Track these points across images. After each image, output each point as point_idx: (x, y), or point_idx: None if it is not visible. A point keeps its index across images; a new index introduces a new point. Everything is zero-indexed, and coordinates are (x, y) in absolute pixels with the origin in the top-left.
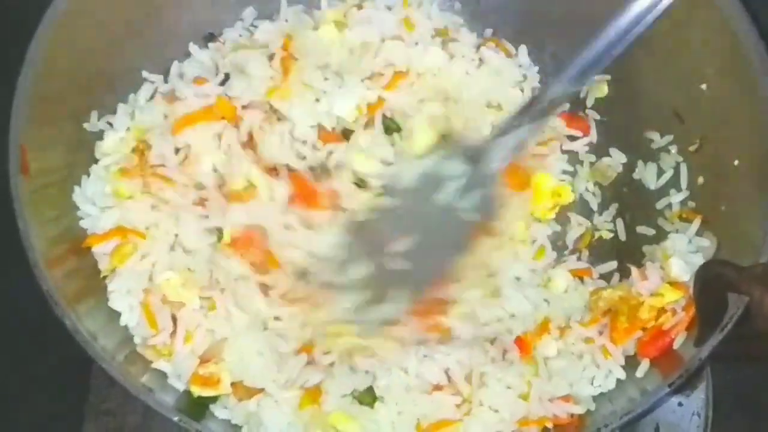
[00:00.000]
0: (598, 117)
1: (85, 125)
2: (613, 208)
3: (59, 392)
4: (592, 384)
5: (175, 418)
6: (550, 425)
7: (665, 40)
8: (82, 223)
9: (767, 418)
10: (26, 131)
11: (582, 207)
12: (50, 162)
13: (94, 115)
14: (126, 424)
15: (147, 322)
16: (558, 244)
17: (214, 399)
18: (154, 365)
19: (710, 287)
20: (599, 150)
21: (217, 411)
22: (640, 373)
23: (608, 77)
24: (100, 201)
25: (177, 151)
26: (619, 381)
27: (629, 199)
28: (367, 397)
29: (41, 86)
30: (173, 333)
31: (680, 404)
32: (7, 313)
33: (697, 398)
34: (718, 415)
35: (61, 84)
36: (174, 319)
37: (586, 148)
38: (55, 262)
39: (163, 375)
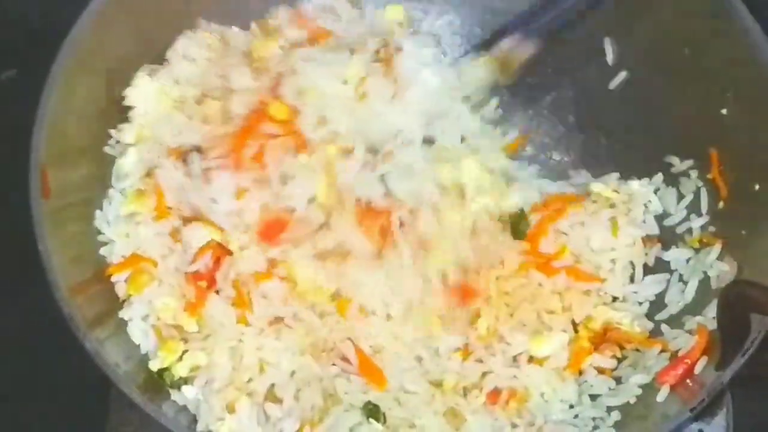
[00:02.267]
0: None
1: (106, 149)
2: None
3: (78, 415)
4: None
5: None
6: None
7: (685, 65)
8: (102, 250)
9: None
10: (47, 155)
11: None
12: (71, 185)
13: (113, 139)
14: None
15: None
16: None
17: None
18: (173, 397)
19: (733, 308)
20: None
21: None
22: (660, 398)
23: None
24: (119, 226)
25: None
26: (639, 406)
27: None
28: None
29: (62, 110)
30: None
31: (701, 431)
32: (27, 336)
33: (718, 425)
34: None
35: (82, 108)
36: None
37: None
38: (76, 285)
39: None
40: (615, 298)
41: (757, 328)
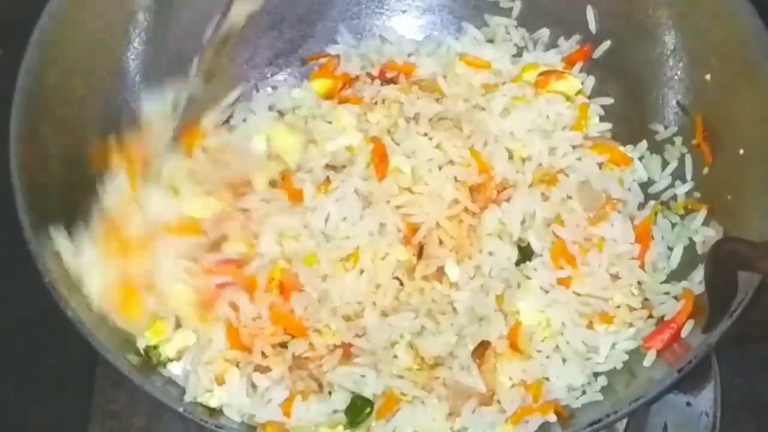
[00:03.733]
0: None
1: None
2: None
3: (64, 394)
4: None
5: (181, 409)
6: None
7: (668, 31)
8: None
9: None
10: (28, 125)
11: None
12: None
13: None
14: (131, 425)
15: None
16: None
17: None
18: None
19: (723, 266)
20: None
21: (226, 409)
22: (647, 362)
23: None
24: None
25: None
26: (626, 371)
27: None
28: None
29: (42, 79)
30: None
31: (689, 404)
32: (12, 317)
33: (706, 398)
34: (726, 415)
35: (63, 75)
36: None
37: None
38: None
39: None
40: None
41: (744, 288)
